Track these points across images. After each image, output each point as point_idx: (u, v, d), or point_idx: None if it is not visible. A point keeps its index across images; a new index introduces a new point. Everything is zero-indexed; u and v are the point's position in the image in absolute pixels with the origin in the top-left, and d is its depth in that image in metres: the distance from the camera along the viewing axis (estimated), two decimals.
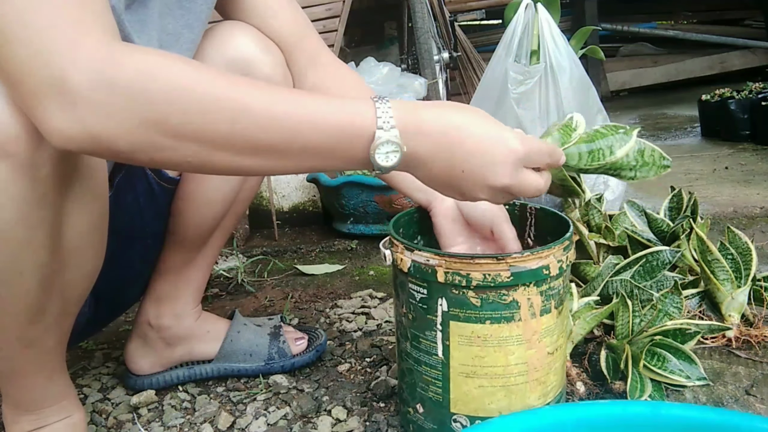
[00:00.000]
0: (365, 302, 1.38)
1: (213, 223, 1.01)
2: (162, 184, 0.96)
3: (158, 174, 0.95)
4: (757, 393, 0.96)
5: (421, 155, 0.65)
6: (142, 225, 0.95)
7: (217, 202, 0.99)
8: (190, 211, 0.98)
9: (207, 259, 1.05)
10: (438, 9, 2.79)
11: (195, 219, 0.99)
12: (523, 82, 1.58)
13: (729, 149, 2.62)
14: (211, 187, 0.98)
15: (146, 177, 0.94)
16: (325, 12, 1.98)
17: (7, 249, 0.64)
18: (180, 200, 0.98)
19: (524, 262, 0.74)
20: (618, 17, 4.68)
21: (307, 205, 2.02)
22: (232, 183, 0.99)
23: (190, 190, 0.98)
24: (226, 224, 1.04)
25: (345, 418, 0.96)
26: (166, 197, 0.98)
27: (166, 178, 0.96)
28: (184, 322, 1.05)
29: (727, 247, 1.11)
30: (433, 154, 0.65)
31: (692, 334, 1.00)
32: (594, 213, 1.32)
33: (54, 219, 0.67)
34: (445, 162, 0.66)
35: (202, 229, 1.00)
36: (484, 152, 0.66)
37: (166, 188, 0.96)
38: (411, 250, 0.78)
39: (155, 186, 0.95)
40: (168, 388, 1.07)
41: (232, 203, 1.01)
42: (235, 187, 1.00)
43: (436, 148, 0.65)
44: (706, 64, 4.50)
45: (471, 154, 0.66)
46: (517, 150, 0.67)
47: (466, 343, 0.76)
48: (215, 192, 0.98)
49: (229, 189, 0.99)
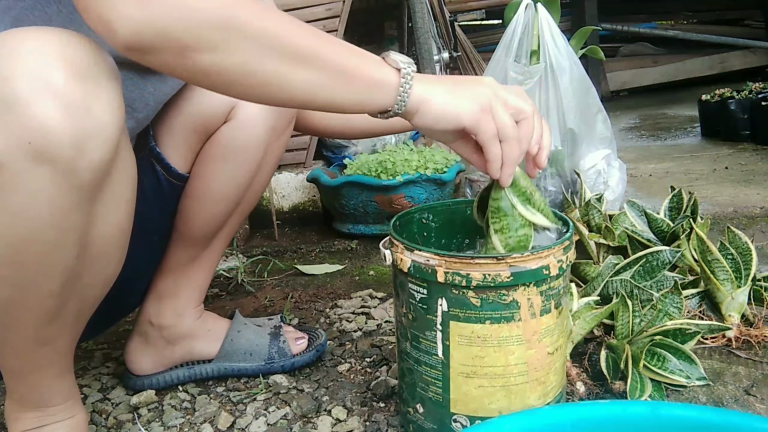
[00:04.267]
0: (365, 302, 1.38)
1: (218, 221, 1.01)
2: (170, 180, 0.96)
3: (167, 170, 0.96)
4: (757, 393, 0.96)
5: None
6: (148, 221, 0.96)
7: (224, 200, 0.99)
8: (197, 209, 0.99)
9: (211, 258, 1.06)
10: (438, 9, 2.79)
11: (201, 217, 0.99)
12: (523, 82, 1.58)
13: (729, 149, 2.62)
14: (219, 186, 0.98)
15: (154, 172, 0.95)
16: (325, 12, 1.98)
17: (36, 251, 0.64)
18: (187, 198, 0.99)
19: (524, 262, 0.74)
20: (618, 17, 4.68)
21: (307, 205, 2.02)
22: (240, 182, 0.99)
23: (197, 188, 0.98)
24: (231, 224, 1.04)
25: (345, 418, 0.96)
26: (174, 194, 0.98)
27: (175, 174, 0.97)
28: (185, 321, 1.05)
29: (727, 247, 1.11)
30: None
31: (692, 334, 1.00)
32: (594, 213, 1.32)
33: (85, 224, 0.67)
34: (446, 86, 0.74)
35: (207, 228, 1.01)
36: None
37: (174, 184, 0.97)
38: (411, 250, 0.78)
39: (163, 181, 0.96)
40: (168, 388, 1.07)
41: (238, 203, 1.02)
42: (242, 186, 1.00)
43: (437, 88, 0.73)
44: (706, 64, 4.50)
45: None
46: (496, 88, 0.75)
47: (466, 343, 0.76)
48: (222, 190, 0.98)
49: (236, 188, 1.00)
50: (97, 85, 0.63)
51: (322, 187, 1.81)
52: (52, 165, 0.60)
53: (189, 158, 0.98)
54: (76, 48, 0.62)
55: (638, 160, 2.55)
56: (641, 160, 2.57)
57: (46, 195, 0.61)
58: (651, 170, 2.37)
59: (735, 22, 4.98)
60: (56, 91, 0.59)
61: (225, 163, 0.97)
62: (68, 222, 0.65)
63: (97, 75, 0.63)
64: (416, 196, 1.71)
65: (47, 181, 0.61)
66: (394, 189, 1.69)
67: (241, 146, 0.97)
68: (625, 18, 4.79)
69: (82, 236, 0.68)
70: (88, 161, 0.62)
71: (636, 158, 2.58)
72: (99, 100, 0.63)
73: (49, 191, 0.61)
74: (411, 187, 1.70)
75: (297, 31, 0.66)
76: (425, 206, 0.95)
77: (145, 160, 0.96)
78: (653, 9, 5.18)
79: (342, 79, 0.68)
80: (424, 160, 1.78)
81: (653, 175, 2.31)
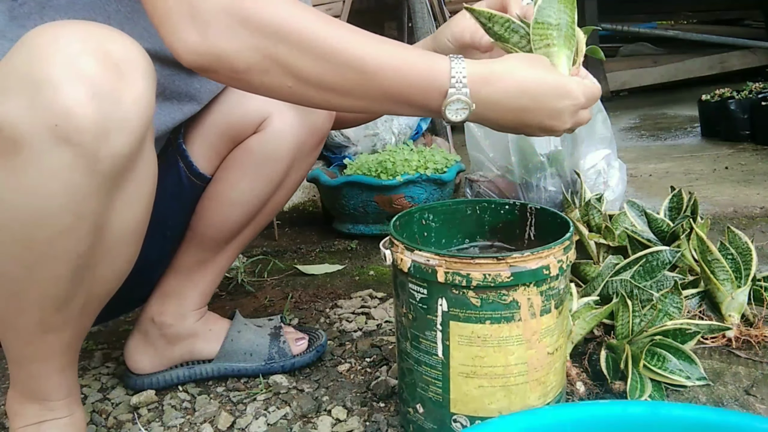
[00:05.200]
0: (365, 302, 1.38)
1: (233, 228, 1.02)
2: (191, 178, 0.98)
3: (189, 167, 0.97)
4: (757, 393, 0.96)
5: (490, 107, 0.73)
6: (163, 214, 0.97)
7: (241, 207, 1.00)
8: (213, 211, 1.00)
9: (220, 264, 1.06)
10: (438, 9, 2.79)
11: (216, 220, 1.00)
12: None
13: (729, 149, 2.62)
14: (238, 193, 0.99)
15: (177, 168, 0.96)
16: (325, 12, 1.99)
17: (48, 233, 0.65)
18: (206, 199, 1.00)
19: (524, 262, 0.74)
20: (618, 17, 4.67)
21: (307, 205, 2.02)
22: (260, 192, 1.00)
23: (217, 191, 0.99)
24: (244, 235, 1.05)
25: (345, 418, 0.96)
26: (193, 193, 0.99)
27: (196, 173, 0.97)
28: (187, 322, 1.05)
29: (727, 247, 1.11)
30: (502, 106, 0.73)
31: (692, 334, 1.00)
32: (594, 213, 1.32)
33: (101, 213, 0.68)
34: (513, 113, 0.74)
35: (221, 233, 1.01)
36: (551, 107, 0.74)
37: (195, 184, 0.98)
38: (411, 250, 0.78)
39: (184, 178, 0.97)
40: (168, 388, 1.07)
41: (255, 214, 1.02)
42: (261, 197, 1.01)
43: (505, 99, 0.73)
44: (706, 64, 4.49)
45: (538, 105, 0.73)
46: (579, 101, 0.76)
47: (466, 343, 0.76)
48: (241, 198, 0.99)
49: (255, 198, 1.00)
50: (129, 80, 0.65)
51: (322, 187, 1.81)
52: (74, 149, 0.62)
53: (214, 161, 0.99)
54: (114, 43, 0.65)
55: (638, 160, 2.55)
56: (641, 160, 2.57)
57: (65, 178, 0.63)
58: (651, 170, 2.37)
59: (735, 22, 4.98)
60: (87, 78, 0.62)
61: (248, 171, 0.98)
62: (84, 208, 0.66)
63: (131, 70, 0.65)
64: (416, 196, 1.71)
65: (67, 165, 0.62)
66: (394, 189, 1.69)
67: (267, 157, 0.98)
68: (625, 18, 4.79)
69: (98, 226, 0.69)
70: (110, 150, 0.64)
71: (636, 158, 2.58)
72: (129, 93, 0.65)
73: (68, 175, 0.63)
74: (411, 187, 1.70)
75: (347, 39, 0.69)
76: (425, 206, 0.95)
77: (171, 155, 0.97)
78: (653, 9, 5.18)
79: (390, 100, 0.71)
80: (424, 160, 1.78)
81: (653, 175, 2.31)
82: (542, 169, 1.61)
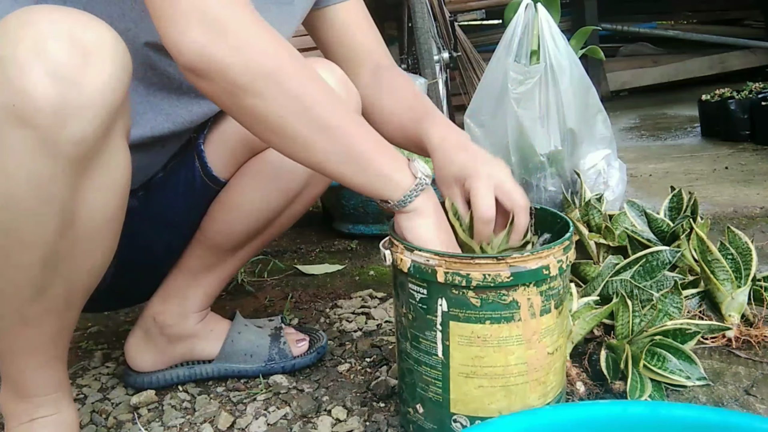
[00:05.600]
0: (365, 302, 1.38)
1: (241, 236, 1.01)
2: (204, 179, 0.97)
3: (203, 167, 0.97)
4: (757, 393, 0.96)
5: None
6: (174, 213, 0.96)
7: (252, 217, 1.00)
8: (223, 217, 0.99)
9: (226, 270, 1.06)
10: (438, 9, 2.79)
11: (225, 226, 1.00)
12: (523, 82, 1.58)
13: (729, 149, 2.62)
14: (251, 202, 0.98)
15: (192, 167, 0.96)
16: None
17: (12, 216, 0.65)
18: (218, 203, 1.00)
19: (524, 262, 0.74)
20: (618, 17, 4.67)
21: None
22: (273, 205, 1.00)
23: (230, 197, 0.99)
24: (252, 245, 1.04)
25: (345, 418, 0.96)
26: (205, 194, 0.99)
27: (210, 175, 0.97)
28: (188, 323, 1.05)
29: (727, 247, 1.11)
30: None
31: (692, 334, 1.00)
32: (594, 213, 1.32)
33: (67, 200, 0.68)
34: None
35: (230, 239, 1.01)
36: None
37: (208, 185, 0.98)
38: (411, 250, 0.78)
39: (197, 178, 0.97)
40: (168, 388, 1.07)
41: (265, 226, 1.02)
42: (273, 209, 1.00)
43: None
44: (706, 64, 4.49)
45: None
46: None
47: (466, 343, 0.76)
48: (253, 207, 0.99)
49: (267, 209, 1.00)
50: (96, 66, 0.64)
51: None
52: (32, 131, 0.62)
53: (231, 166, 0.99)
54: (85, 28, 0.64)
55: (638, 160, 2.55)
56: (641, 160, 2.57)
57: (26, 160, 0.63)
58: (651, 170, 2.37)
59: (735, 22, 4.97)
60: (51, 60, 0.61)
61: (264, 181, 0.98)
62: (48, 192, 0.65)
63: (100, 56, 0.65)
64: None
65: (27, 146, 0.62)
66: None
67: (284, 171, 0.98)
68: (625, 18, 4.79)
69: (65, 211, 0.68)
70: (70, 134, 0.63)
71: (636, 158, 2.58)
72: (93, 79, 0.64)
73: (28, 156, 0.63)
74: None
75: (335, 106, 0.76)
76: None
77: (189, 153, 0.97)
78: (653, 9, 5.18)
79: (358, 162, 0.77)
80: (424, 160, 1.78)
81: (653, 175, 2.31)
82: (542, 169, 1.61)
